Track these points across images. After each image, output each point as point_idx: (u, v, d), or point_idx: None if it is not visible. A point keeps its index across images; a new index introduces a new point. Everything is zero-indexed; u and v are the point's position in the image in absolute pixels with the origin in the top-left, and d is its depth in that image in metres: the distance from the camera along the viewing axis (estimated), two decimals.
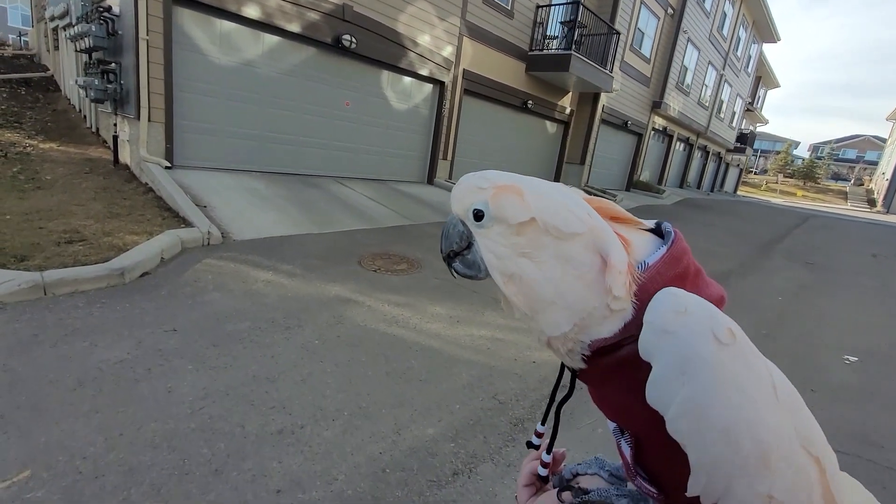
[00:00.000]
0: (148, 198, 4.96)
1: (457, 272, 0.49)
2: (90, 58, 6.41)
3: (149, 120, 5.40)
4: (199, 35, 5.73)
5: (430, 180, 9.48)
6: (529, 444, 0.59)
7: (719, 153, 25.51)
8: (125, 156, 5.95)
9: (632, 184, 16.11)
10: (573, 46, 10.01)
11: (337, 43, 6.95)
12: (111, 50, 5.62)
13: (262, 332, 2.89)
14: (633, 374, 0.39)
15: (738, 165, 31.23)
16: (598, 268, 0.40)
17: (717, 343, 0.35)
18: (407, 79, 8.47)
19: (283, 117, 6.89)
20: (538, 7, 10.39)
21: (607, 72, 11.29)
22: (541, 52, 10.54)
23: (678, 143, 19.43)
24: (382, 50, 7.61)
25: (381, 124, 8.35)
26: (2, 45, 11.59)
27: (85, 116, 7.96)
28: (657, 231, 0.46)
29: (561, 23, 10.41)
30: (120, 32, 5.55)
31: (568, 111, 12.65)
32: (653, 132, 16.65)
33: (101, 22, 5.42)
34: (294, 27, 6.43)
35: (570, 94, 12.52)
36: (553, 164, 13.22)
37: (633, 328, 0.40)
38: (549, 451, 0.56)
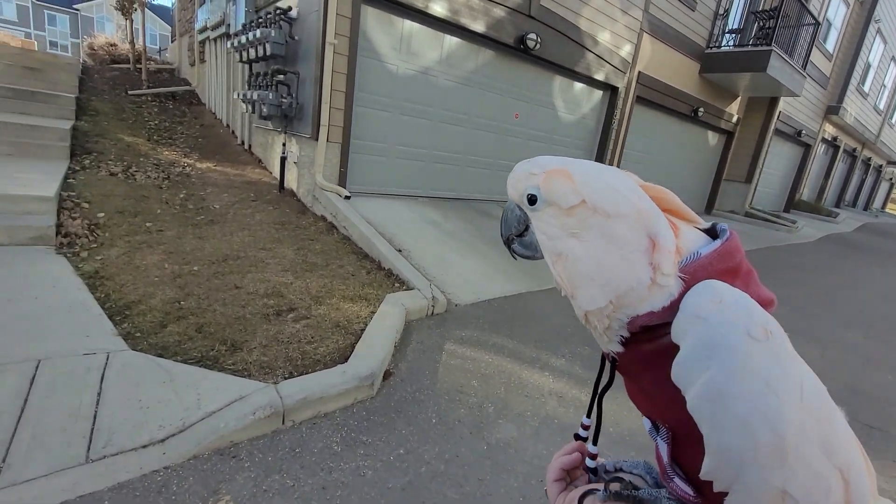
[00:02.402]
0: (335, 238, 4.05)
1: (516, 254, 0.52)
2: (251, 69, 5.79)
3: (327, 140, 4.54)
4: (381, 38, 4.82)
5: None
6: (577, 437, 0.57)
7: (880, 166, 21.46)
8: (291, 180, 5.19)
9: (792, 204, 13.53)
10: (772, 42, 8.11)
11: (519, 43, 5.80)
12: (287, 58, 4.87)
13: None
14: (672, 363, 0.38)
15: (891, 179, 26.39)
16: (643, 248, 0.41)
17: (747, 336, 0.36)
18: (578, 85, 7.15)
19: (453, 133, 5.86)
20: None
21: (802, 71, 9.20)
22: (720, 50, 8.74)
23: (843, 155, 16.29)
24: (562, 51, 6.36)
25: (546, 139, 7.10)
26: (148, 59, 11.96)
27: (234, 132, 7.52)
28: (711, 233, 0.46)
29: (753, 13, 8.54)
30: (297, 38, 4.78)
31: (734, 119, 10.63)
32: (821, 143, 13.92)
33: (280, 26, 4.67)
34: (478, 26, 5.36)
35: (739, 99, 10.50)
36: (709, 181, 11.21)
37: (671, 312, 0.40)
38: (594, 441, 0.55)
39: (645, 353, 0.43)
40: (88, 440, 1.74)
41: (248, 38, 5.03)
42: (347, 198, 4.41)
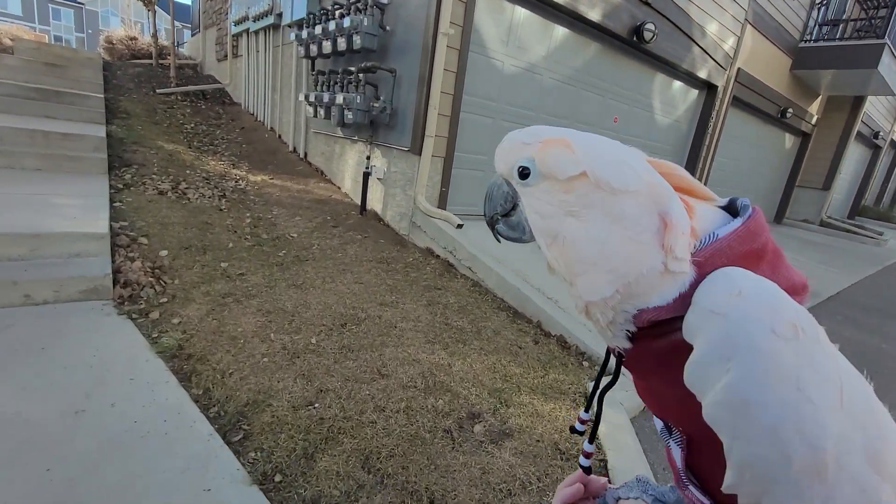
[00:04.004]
0: (463, 285, 3.20)
1: (500, 235, 0.47)
2: (313, 66, 4.90)
3: (432, 154, 3.67)
4: (490, 28, 3.94)
5: None
6: (573, 430, 0.53)
7: None
8: (374, 200, 4.33)
9: (857, 210, 12.61)
10: (885, 34, 7.19)
11: (633, 35, 4.91)
12: (378, 53, 3.98)
13: None
14: (685, 362, 0.34)
15: None
16: (654, 229, 0.36)
17: (772, 334, 0.31)
18: (677, 83, 6.25)
19: None
20: None
21: None
22: (817, 44, 7.81)
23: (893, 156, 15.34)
24: (671, 43, 5.46)
25: (639, 144, 6.14)
26: (169, 55, 11.06)
27: (281, 137, 6.65)
28: (730, 210, 0.41)
29: (859, 1, 7.61)
30: (388, 28, 3.90)
31: (813, 120, 9.70)
32: (891, 144, 12.98)
33: (371, 12, 3.78)
34: (595, 13, 4.47)
35: (820, 97, 9.57)
36: (780, 187, 10.30)
37: (686, 304, 0.35)
38: (591, 439, 0.51)
39: (654, 351, 0.38)
40: None
41: (325, 29, 4.14)
42: (460, 226, 3.55)
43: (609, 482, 0.52)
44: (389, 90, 3.89)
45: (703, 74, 6.19)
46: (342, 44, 3.99)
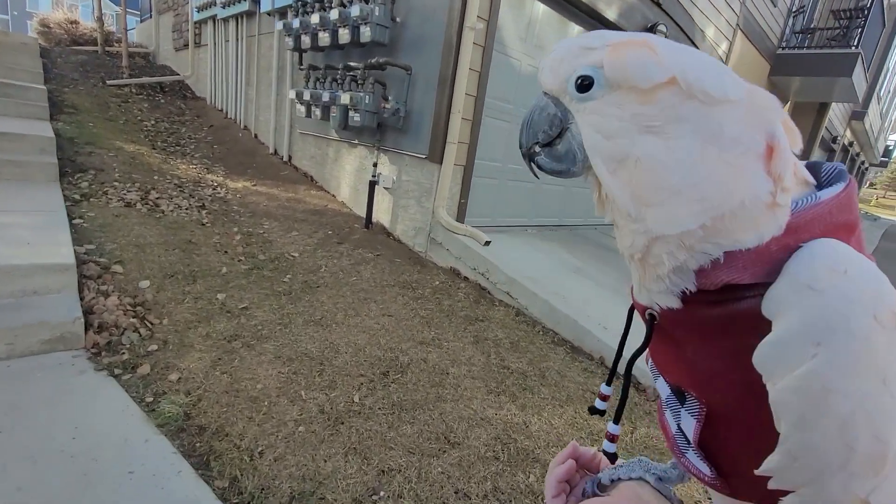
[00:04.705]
0: (505, 315, 2.83)
1: (542, 168, 0.40)
2: (301, 60, 4.37)
3: (454, 163, 3.29)
4: (510, 24, 3.59)
5: None
6: (593, 410, 0.50)
7: (867, 168, 22.10)
8: (381, 212, 3.88)
9: None
10: (858, 44, 7.45)
11: None
12: (389, 48, 3.52)
13: None
14: (746, 335, 0.31)
15: (873, 180, 27.55)
16: (759, 151, 0.31)
17: (874, 321, 0.28)
18: None
19: None
20: None
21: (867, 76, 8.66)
22: (795, 51, 8.02)
23: (843, 159, 16.37)
24: None
25: None
26: (116, 41, 9.94)
27: (258, 137, 6.01)
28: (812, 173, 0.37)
29: (834, 11, 7.85)
30: (398, 20, 3.46)
31: None
32: (842, 148, 13.77)
33: (382, 2, 3.32)
34: (612, 12, 4.22)
35: (788, 103, 9.92)
36: None
37: (770, 271, 0.31)
38: (616, 419, 0.46)
39: (707, 318, 0.34)
40: None
41: (323, 18, 3.65)
42: (487, 243, 3.18)
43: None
44: (402, 90, 3.45)
45: None
46: (345, 36, 3.52)
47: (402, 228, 3.70)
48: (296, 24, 3.98)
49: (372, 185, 3.70)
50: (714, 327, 0.33)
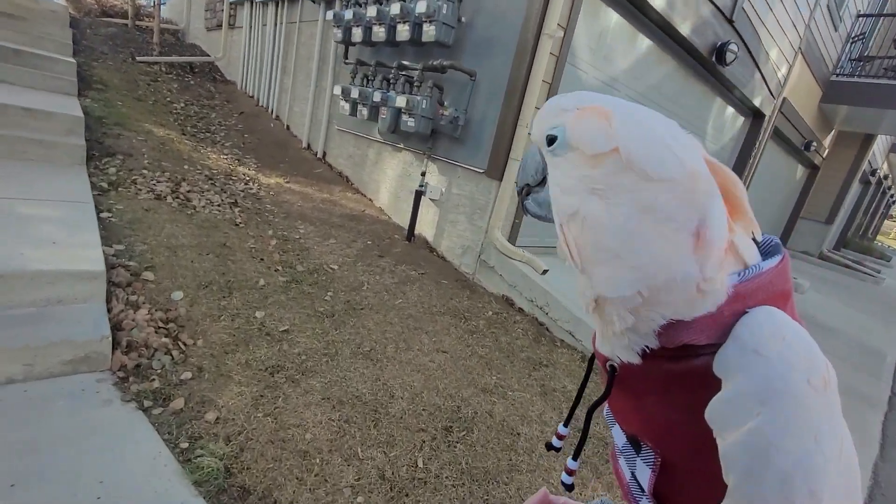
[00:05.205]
0: (573, 359, 2.56)
1: (527, 210, 0.46)
2: (346, 54, 4.10)
3: (514, 179, 3.01)
4: (583, 34, 3.30)
5: None
6: (549, 446, 0.51)
7: (893, 202, 21.55)
8: (425, 224, 3.61)
9: (843, 243, 12.90)
10: None
11: (713, 54, 4.40)
12: (452, 50, 3.24)
13: None
14: (700, 390, 0.34)
15: (890, 214, 26.90)
16: (690, 229, 0.33)
17: (807, 385, 0.31)
18: (730, 109, 5.83)
19: None
20: (859, 16, 7.51)
21: None
22: (850, 79, 7.65)
23: (878, 190, 15.91)
24: (740, 68, 5.00)
25: None
26: (147, 16, 9.70)
27: (290, 128, 5.75)
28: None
29: None
30: (463, 20, 3.18)
31: (825, 153, 9.67)
32: (877, 181, 13.34)
33: (450, 0, 3.04)
34: (685, 27, 3.92)
35: (832, 132, 9.54)
36: (785, 217, 10.25)
37: (722, 333, 0.34)
38: (575, 456, 0.48)
39: (666, 372, 0.36)
40: None
41: (381, 12, 3.37)
42: (545, 272, 2.90)
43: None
44: (462, 96, 3.17)
45: (756, 102, 5.80)
46: (403, 33, 3.24)
47: (447, 245, 3.43)
48: (348, 15, 3.71)
49: (418, 195, 3.43)
50: (671, 381, 0.36)
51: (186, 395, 1.79)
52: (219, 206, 3.45)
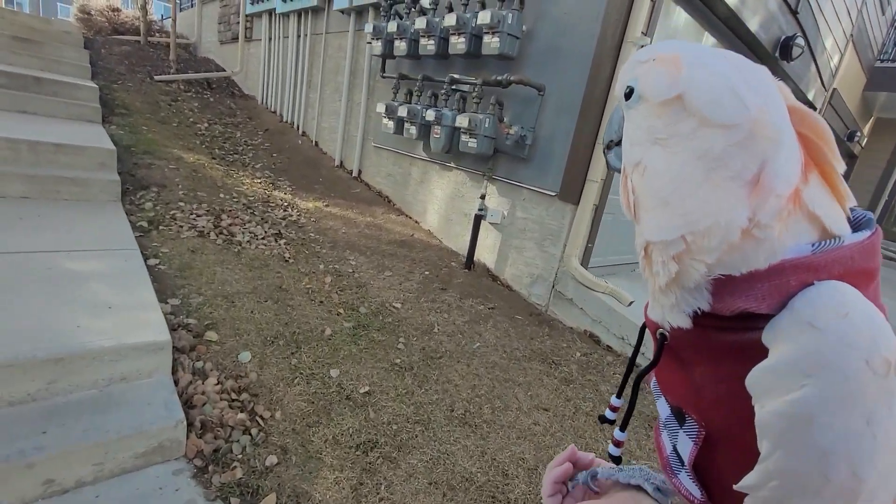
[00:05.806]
0: None
1: (609, 165, 0.45)
2: (384, 67, 3.84)
3: (593, 203, 2.74)
4: (656, 38, 3.01)
5: None
6: (602, 419, 0.50)
7: None
8: (484, 250, 3.35)
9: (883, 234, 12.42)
10: None
11: (777, 49, 4.09)
12: (516, 63, 2.97)
13: None
14: (751, 365, 0.31)
15: None
16: (746, 178, 0.31)
17: (865, 366, 0.28)
18: None
19: None
20: None
21: None
22: (893, 64, 7.27)
23: None
24: (799, 61, 4.68)
25: None
26: (158, 31, 9.50)
27: (318, 144, 5.51)
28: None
29: None
30: (525, 29, 2.90)
31: (864, 142, 9.27)
32: None
33: (514, 6, 2.77)
34: (754, 22, 3.61)
35: (871, 120, 9.15)
36: None
37: (783, 305, 0.31)
38: (623, 427, 0.48)
39: (717, 342, 0.35)
40: None
41: (430, 24, 3.11)
42: (631, 304, 2.63)
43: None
44: (527, 113, 2.90)
45: (810, 95, 5.46)
46: (459, 45, 2.97)
47: (512, 273, 3.16)
48: (391, 27, 3.44)
49: (478, 219, 3.17)
50: (723, 353, 0.34)
51: (277, 487, 1.55)
52: (263, 239, 3.22)
